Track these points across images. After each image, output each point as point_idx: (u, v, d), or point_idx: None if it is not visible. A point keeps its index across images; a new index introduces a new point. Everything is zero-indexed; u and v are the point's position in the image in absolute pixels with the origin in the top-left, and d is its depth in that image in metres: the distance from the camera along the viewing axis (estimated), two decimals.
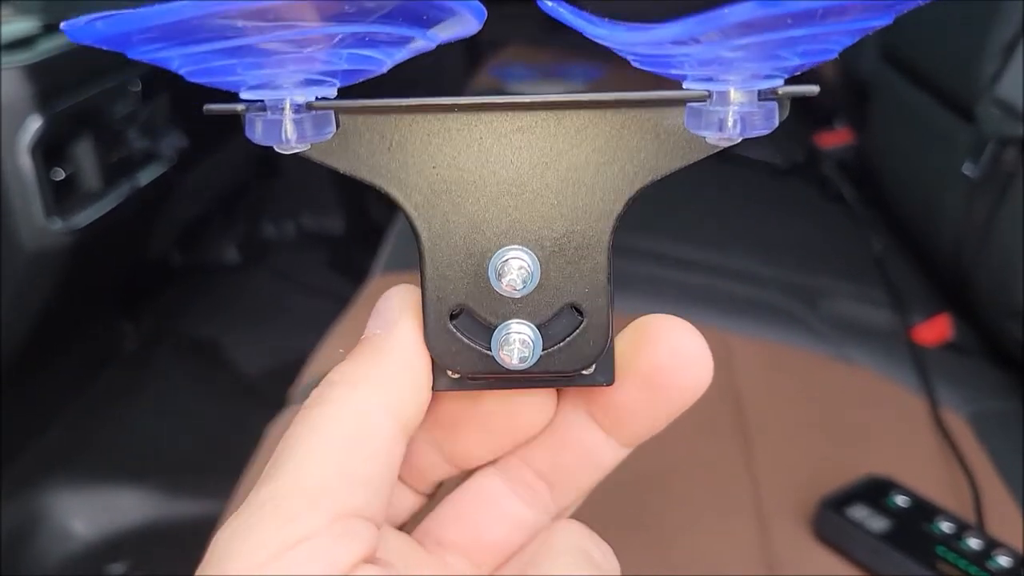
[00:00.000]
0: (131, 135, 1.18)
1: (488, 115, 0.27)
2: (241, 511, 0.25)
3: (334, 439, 0.26)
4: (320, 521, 0.25)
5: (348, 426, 0.26)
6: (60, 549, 1.20)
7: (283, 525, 0.25)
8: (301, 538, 0.25)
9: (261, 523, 0.25)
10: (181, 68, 0.23)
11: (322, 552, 0.25)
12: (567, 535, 0.29)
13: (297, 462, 0.26)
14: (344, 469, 0.26)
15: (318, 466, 0.26)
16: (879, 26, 0.21)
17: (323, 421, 0.26)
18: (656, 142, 0.26)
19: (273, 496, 0.25)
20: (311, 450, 0.26)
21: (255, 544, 0.24)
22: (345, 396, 0.27)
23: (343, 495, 0.26)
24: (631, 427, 0.30)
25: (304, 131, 0.25)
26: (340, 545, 0.25)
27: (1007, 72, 0.98)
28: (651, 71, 0.25)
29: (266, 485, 0.26)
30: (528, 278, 0.27)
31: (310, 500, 0.25)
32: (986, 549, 0.66)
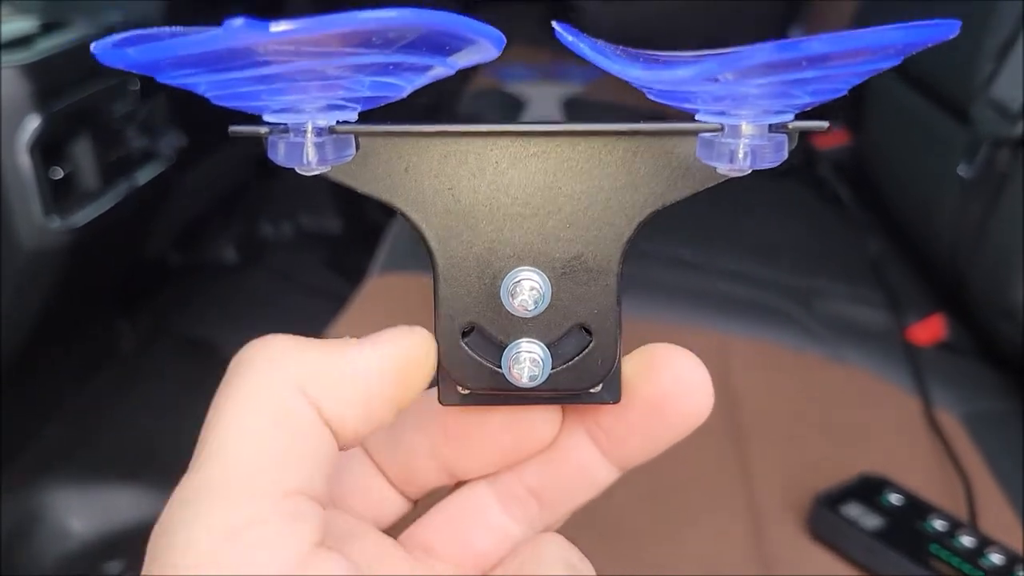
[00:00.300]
0: (130, 134, 1.18)
1: (504, 140, 0.27)
2: (173, 506, 0.24)
3: (259, 414, 0.25)
4: (265, 502, 0.24)
5: (268, 402, 0.26)
6: (57, 547, 1.20)
7: (226, 510, 0.24)
8: (248, 521, 0.24)
9: (201, 511, 0.24)
10: (208, 92, 0.23)
11: (272, 534, 0.24)
12: (552, 546, 0.30)
13: (230, 442, 0.25)
14: (278, 445, 0.25)
15: (250, 444, 0.25)
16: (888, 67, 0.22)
17: (243, 395, 0.26)
18: (667, 170, 0.27)
19: (207, 483, 0.24)
20: (238, 429, 0.25)
21: (198, 532, 0.23)
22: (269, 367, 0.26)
23: (282, 473, 0.25)
24: (629, 449, 0.30)
25: (325, 154, 0.25)
26: (289, 526, 0.24)
27: (1002, 74, 0.99)
28: (666, 103, 0.25)
29: (196, 473, 0.25)
30: (539, 299, 0.27)
31: (249, 480, 0.24)
32: (979, 547, 0.67)
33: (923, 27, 0.21)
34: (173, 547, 0.23)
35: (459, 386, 0.28)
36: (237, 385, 0.26)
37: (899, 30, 0.21)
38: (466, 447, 0.31)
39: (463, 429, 0.30)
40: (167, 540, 0.24)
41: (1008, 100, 0.97)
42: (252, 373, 0.26)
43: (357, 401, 0.26)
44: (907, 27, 0.21)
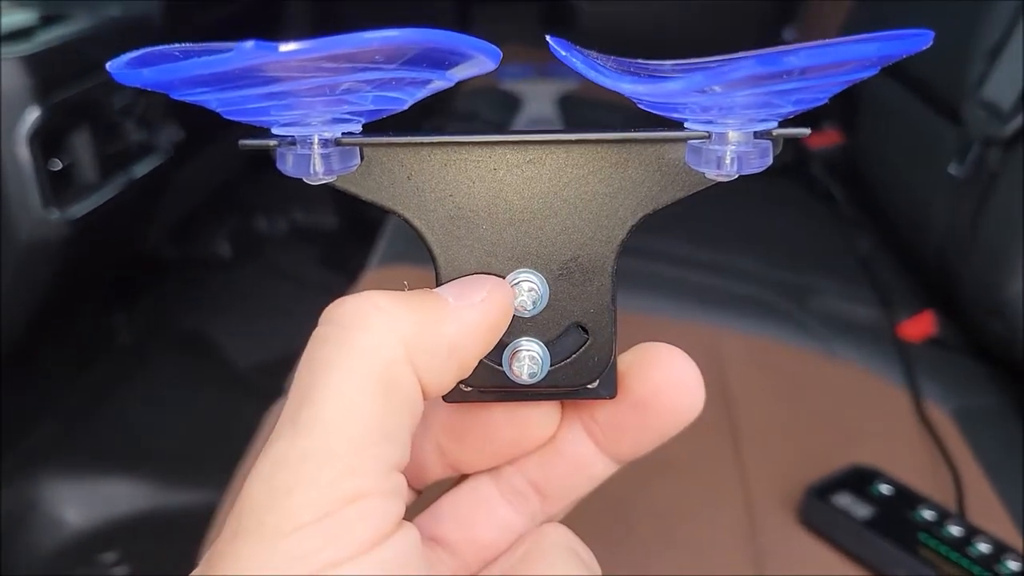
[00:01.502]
0: (128, 127, 1.19)
1: (502, 148, 0.28)
2: (274, 464, 0.24)
3: (368, 385, 0.25)
4: (372, 478, 0.24)
5: (379, 371, 0.25)
6: (53, 539, 1.21)
7: (331, 483, 0.23)
8: (351, 496, 0.24)
9: (307, 480, 0.23)
10: (218, 108, 0.24)
11: (374, 510, 0.24)
12: (556, 535, 0.31)
13: (334, 412, 0.24)
14: (382, 419, 0.25)
15: (358, 417, 0.24)
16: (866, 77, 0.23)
17: (353, 361, 0.25)
18: (658, 175, 0.28)
19: (312, 449, 0.24)
20: (346, 398, 0.24)
21: (305, 501, 0.23)
22: (380, 332, 0.25)
23: (385, 448, 0.25)
24: (623, 444, 0.31)
25: (331, 165, 0.26)
26: (389, 501, 0.24)
27: (993, 74, 1.00)
28: (655, 113, 0.26)
29: (299, 435, 0.24)
30: (538, 299, 0.29)
31: (356, 455, 0.24)
32: (967, 536, 0.68)
33: (897, 39, 0.22)
34: (274, 509, 0.23)
35: (462, 384, 0.29)
36: (342, 346, 0.25)
37: (874, 42, 0.22)
38: (469, 442, 0.32)
39: (466, 425, 0.31)
40: (268, 500, 0.23)
41: (999, 100, 0.98)
42: (359, 336, 0.25)
43: (452, 365, 0.27)
44: (882, 39, 0.22)
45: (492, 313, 0.27)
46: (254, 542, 0.23)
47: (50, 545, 1.21)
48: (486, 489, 0.32)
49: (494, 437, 0.31)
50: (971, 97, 1.02)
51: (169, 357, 1.53)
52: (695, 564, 0.69)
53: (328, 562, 0.23)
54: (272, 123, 0.25)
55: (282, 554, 0.23)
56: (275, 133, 0.26)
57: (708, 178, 0.27)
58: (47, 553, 1.20)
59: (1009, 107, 0.97)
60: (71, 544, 1.21)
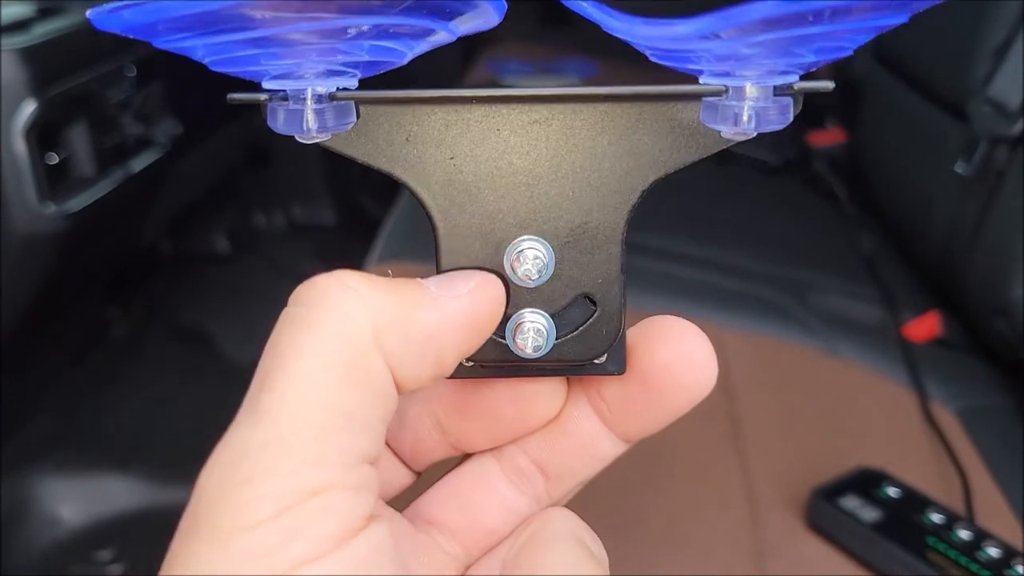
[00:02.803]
0: (125, 121, 1.18)
1: (506, 107, 0.27)
2: (232, 452, 0.22)
3: (332, 369, 0.23)
4: (336, 469, 0.22)
5: (343, 353, 0.23)
6: (48, 536, 1.20)
7: (292, 475, 0.22)
8: (313, 489, 0.22)
9: (266, 472, 0.22)
10: (205, 58, 0.23)
11: (339, 504, 0.22)
12: (562, 521, 0.29)
13: (296, 396, 0.23)
14: (348, 406, 0.23)
15: (320, 403, 0.23)
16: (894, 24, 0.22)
17: (318, 343, 0.23)
18: (671, 136, 0.27)
19: (272, 439, 0.22)
20: (308, 383, 0.23)
21: (264, 494, 0.22)
22: (349, 313, 0.24)
23: (351, 438, 0.23)
24: (632, 422, 0.30)
25: (325, 121, 0.25)
26: (357, 496, 0.23)
27: (1000, 72, 0.99)
28: (668, 65, 0.25)
29: (259, 423, 0.23)
30: (543, 268, 0.27)
31: (318, 445, 0.22)
32: (976, 540, 0.67)
33: None
34: (230, 504, 0.22)
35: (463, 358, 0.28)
36: (308, 327, 0.24)
37: None
38: (471, 420, 0.30)
39: (468, 402, 0.30)
40: (224, 494, 0.22)
41: (1006, 99, 0.97)
42: (326, 317, 0.24)
43: (429, 356, 0.25)
44: None
45: (477, 306, 0.26)
46: (210, 541, 0.22)
47: (45, 542, 1.20)
48: (489, 470, 0.31)
49: (497, 414, 0.30)
50: (977, 95, 1.01)
51: (166, 352, 1.52)
52: (700, 565, 0.68)
53: (289, 562, 0.21)
54: (262, 75, 0.24)
55: (239, 553, 0.21)
56: (266, 87, 0.25)
57: (724, 137, 0.26)
58: (42, 550, 1.19)
59: (1016, 106, 0.96)
60: (66, 541, 1.21)
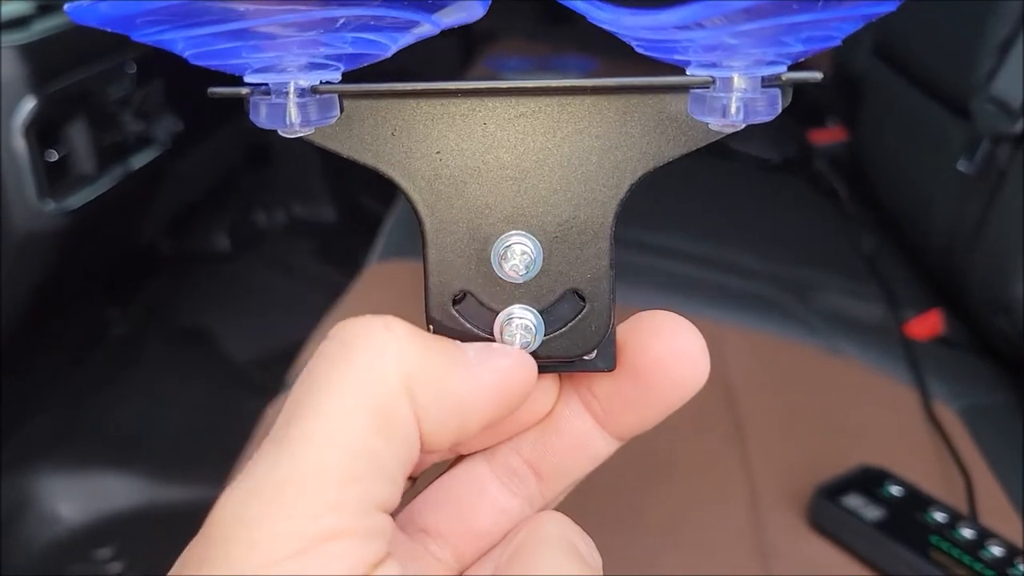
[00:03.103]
0: (125, 118, 1.18)
1: (491, 100, 0.27)
2: (252, 486, 0.23)
3: (362, 413, 0.23)
4: (352, 517, 0.22)
5: (376, 399, 0.23)
6: (47, 533, 1.20)
7: (307, 518, 0.22)
8: (326, 535, 0.22)
9: (279, 510, 0.22)
10: (185, 51, 0.23)
11: (351, 552, 0.22)
12: (553, 526, 0.29)
13: (322, 437, 0.23)
14: (373, 453, 0.23)
15: (346, 446, 0.23)
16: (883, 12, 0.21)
17: (351, 384, 0.23)
18: (659, 128, 0.26)
19: (292, 477, 0.22)
20: (337, 424, 0.23)
21: (276, 535, 0.22)
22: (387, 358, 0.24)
23: (372, 485, 0.23)
24: (624, 419, 0.29)
25: (308, 115, 0.25)
26: (369, 543, 0.23)
27: (1003, 70, 0.99)
28: (654, 57, 0.25)
29: (284, 461, 0.23)
30: (531, 263, 0.27)
31: (338, 489, 0.22)
32: (979, 539, 0.67)
33: None
34: (244, 542, 0.22)
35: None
36: (345, 366, 0.24)
37: None
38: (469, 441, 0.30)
39: None
40: (238, 531, 0.22)
41: (1009, 96, 0.97)
42: (364, 359, 0.24)
43: (454, 420, 0.25)
44: None
45: (509, 382, 0.26)
46: (220, 572, 0.22)
47: (45, 541, 1.20)
48: (480, 472, 0.30)
49: None
50: (980, 93, 1.01)
51: (166, 351, 1.52)
52: (702, 565, 0.68)
53: None
54: (244, 68, 0.24)
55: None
56: (248, 81, 0.25)
57: (712, 130, 0.26)
58: (42, 548, 1.19)
59: (1019, 103, 0.95)
60: (66, 540, 1.20)
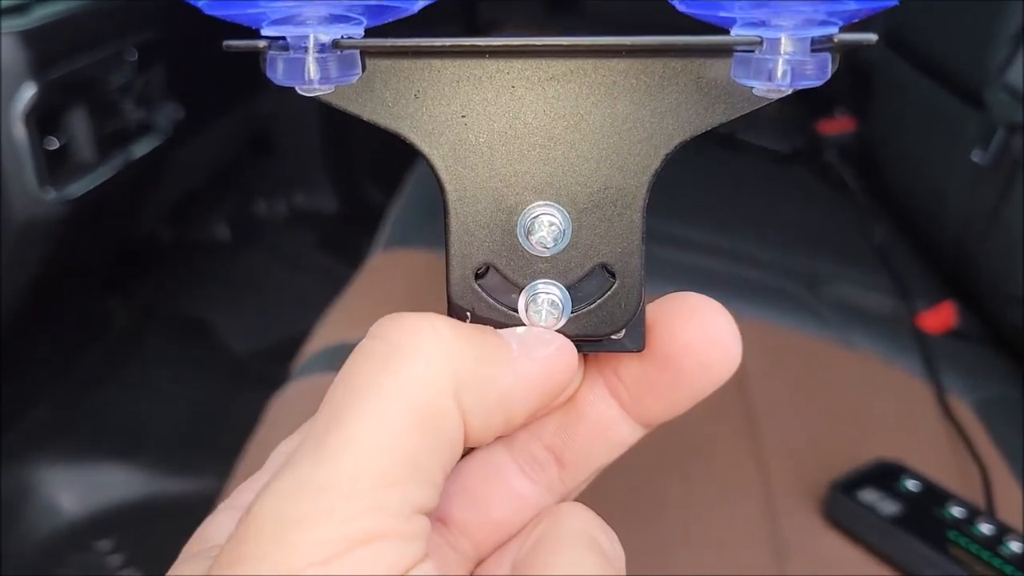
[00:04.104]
0: (126, 106, 1.17)
1: (521, 62, 0.25)
2: (292, 488, 0.22)
3: (407, 417, 0.23)
4: (392, 519, 0.22)
5: (422, 403, 0.23)
6: (47, 525, 1.20)
7: (348, 520, 0.22)
8: (371, 537, 0.22)
9: (322, 513, 0.22)
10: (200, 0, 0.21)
11: (391, 554, 0.22)
12: (574, 519, 0.27)
13: (366, 440, 0.22)
14: (415, 456, 0.23)
15: (390, 450, 0.22)
16: None
17: (398, 386, 0.23)
18: (698, 94, 0.25)
19: (334, 478, 0.22)
20: (381, 428, 0.22)
21: (317, 538, 0.21)
22: (433, 359, 0.23)
23: (413, 488, 0.23)
24: (651, 405, 0.28)
25: (328, 72, 0.23)
26: (407, 546, 0.22)
27: (1017, 59, 0.98)
28: (697, 13, 0.23)
29: (327, 462, 0.22)
30: (559, 236, 0.26)
31: (381, 492, 0.22)
32: (997, 534, 0.66)
33: None
34: (283, 542, 0.21)
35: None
36: (388, 368, 0.23)
37: None
38: None
39: None
40: (277, 531, 0.22)
41: None
42: (413, 361, 0.23)
43: (499, 415, 0.24)
44: None
45: (553, 374, 0.25)
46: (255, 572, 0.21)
47: (45, 532, 1.20)
48: (499, 458, 0.29)
49: None
50: (995, 82, 0.99)
51: (166, 341, 1.51)
52: (716, 560, 0.67)
53: None
54: (261, 19, 0.22)
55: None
56: (264, 34, 0.23)
57: (756, 96, 0.24)
58: (42, 540, 1.19)
59: None
60: (66, 531, 1.20)
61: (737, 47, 0.24)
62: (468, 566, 0.29)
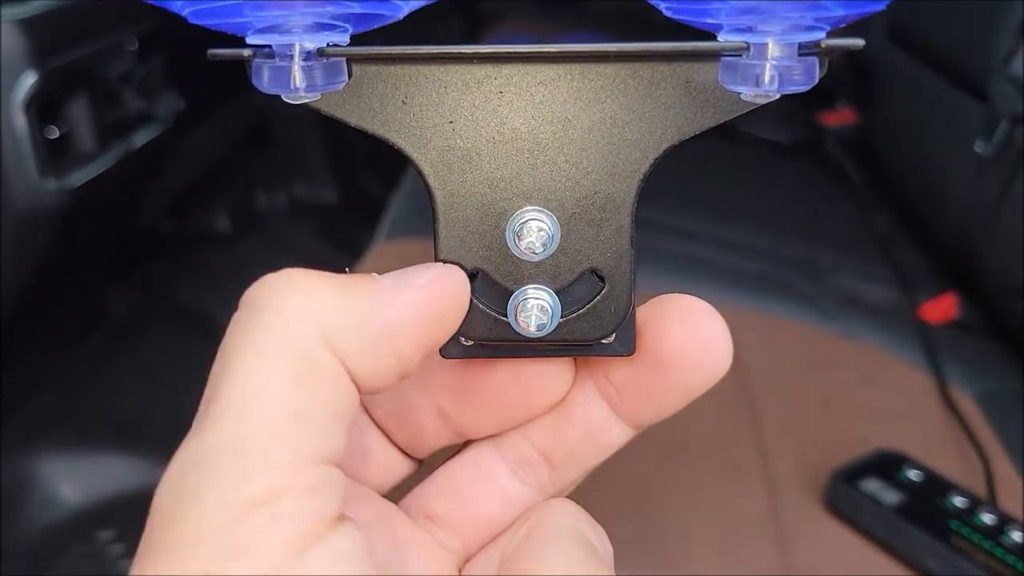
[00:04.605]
0: (127, 95, 1.16)
1: (509, 67, 0.25)
2: (180, 469, 0.22)
3: (277, 370, 0.22)
4: (284, 473, 0.22)
5: (291, 354, 0.23)
6: (48, 515, 1.20)
7: (241, 482, 0.21)
8: (264, 496, 0.21)
9: (212, 481, 0.21)
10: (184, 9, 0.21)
11: (291, 511, 0.21)
12: (562, 514, 0.28)
13: (240, 402, 0.22)
14: (296, 405, 0.22)
15: (266, 405, 0.22)
16: None
17: (263, 343, 0.23)
18: (686, 98, 0.25)
19: (219, 447, 0.22)
20: (253, 387, 0.22)
21: (210, 507, 0.21)
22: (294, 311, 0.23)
23: (303, 438, 0.22)
24: (641, 407, 0.28)
25: (314, 80, 0.23)
26: (309, 500, 0.22)
27: (1021, 50, 0.97)
28: (684, 20, 0.23)
29: (206, 432, 0.22)
30: (548, 241, 0.26)
31: (266, 448, 0.22)
32: (999, 524, 0.66)
33: None
34: (179, 519, 0.21)
35: (462, 337, 0.26)
36: (254, 330, 0.23)
37: None
38: (472, 404, 0.29)
39: (470, 385, 0.29)
40: (173, 510, 0.21)
41: None
42: (272, 317, 0.23)
43: (386, 352, 0.24)
44: None
45: (433, 298, 0.24)
46: (163, 561, 0.21)
47: (46, 522, 1.19)
48: (488, 458, 0.29)
49: (500, 398, 0.28)
50: (998, 74, 0.99)
51: (166, 332, 1.51)
52: (718, 550, 0.67)
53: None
54: (246, 27, 0.22)
55: (191, 572, 0.20)
56: (250, 42, 0.23)
57: (744, 101, 0.24)
58: (42, 530, 1.18)
59: None
60: (67, 521, 1.20)
61: (724, 52, 0.24)
62: (457, 562, 0.29)
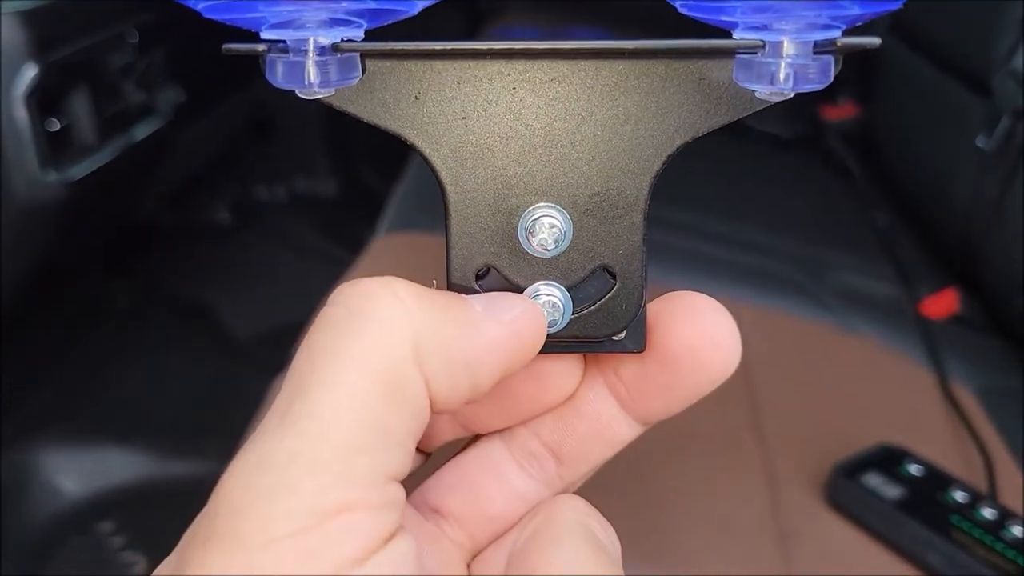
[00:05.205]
0: (128, 88, 1.16)
1: (523, 63, 0.25)
2: (259, 464, 0.22)
3: (369, 383, 0.22)
4: (362, 489, 0.22)
5: (384, 368, 0.23)
6: (48, 508, 1.20)
7: (317, 492, 0.21)
8: (338, 508, 0.21)
9: (291, 486, 0.21)
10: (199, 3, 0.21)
11: (361, 526, 0.22)
12: (571, 511, 0.28)
13: (329, 408, 0.22)
14: (381, 423, 0.22)
15: (354, 417, 0.22)
16: None
17: (358, 350, 0.23)
18: (700, 96, 0.25)
19: (300, 451, 0.22)
20: (344, 395, 0.22)
21: (285, 510, 0.21)
22: (393, 323, 0.23)
23: (381, 455, 0.22)
24: (650, 404, 0.28)
25: (328, 75, 0.23)
26: (380, 515, 0.22)
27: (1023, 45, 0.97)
28: (699, 17, 0.23)
29: (287, 433, 0.22)
30: (560, 237, 0.26)
31: (348, 461, 0.22)
32: (1000, 519, 0.66)
33: None
34: (250, 515, 0.21)
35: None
36: (348, 334, 0.23)
37: None
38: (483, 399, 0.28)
39: None
40: (245, 505, 0.21)
41: None
42: (370, 325, 0.23)
43: (464, 378, 0.24)
44: None
45: (519, 336, 0.25)
46: (226, 552, 0.21)
47: (46, 514, 1.20)
48: (497, 453, 0.30)
49: (510, 393, 0.28)
50: (1001, 68, 0.99)
51: (167, 325, 1.51)
52: (719, 544, 0.67)
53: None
54: (261, 22, 0.22)
55: (256, 569, 0.21)
56: (264, 37, 0.23)
57: (758, 98, 0.24)
58: (44, 522, 1.19)
59: None
60: (68, 513, 1.20)
61: (740, 50, 0.24)
62: (465, 557, 0.29)
